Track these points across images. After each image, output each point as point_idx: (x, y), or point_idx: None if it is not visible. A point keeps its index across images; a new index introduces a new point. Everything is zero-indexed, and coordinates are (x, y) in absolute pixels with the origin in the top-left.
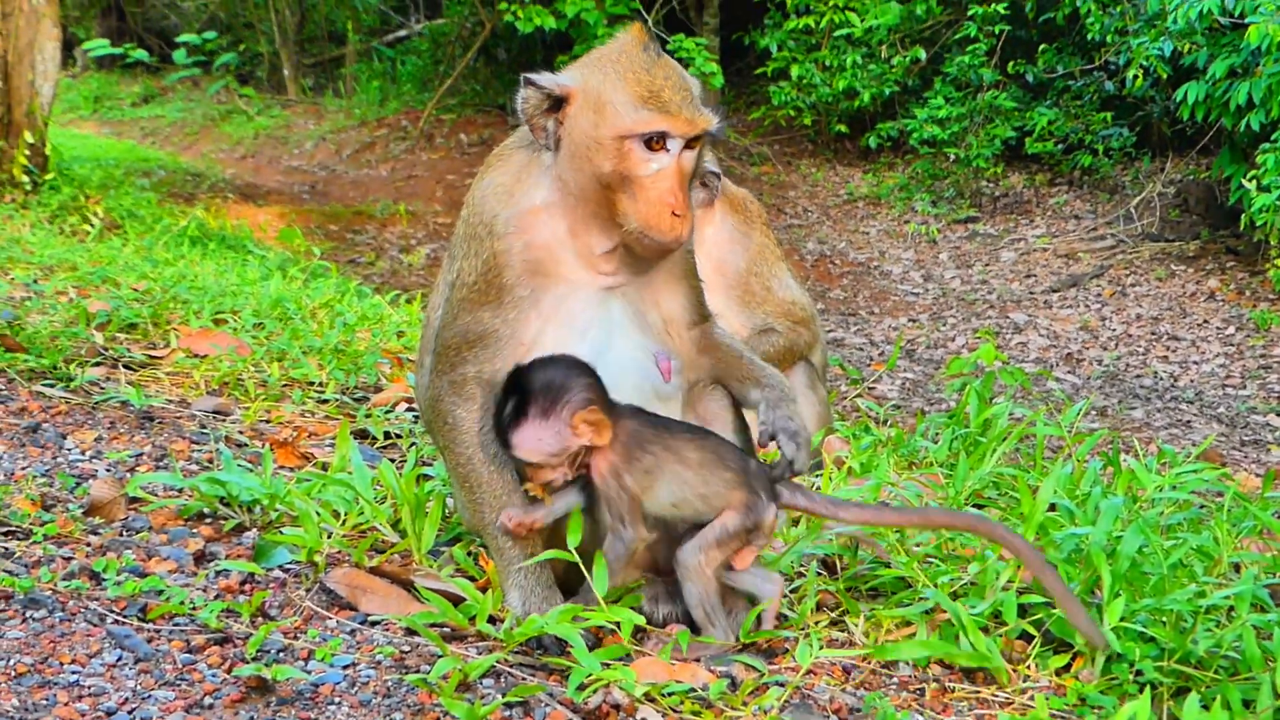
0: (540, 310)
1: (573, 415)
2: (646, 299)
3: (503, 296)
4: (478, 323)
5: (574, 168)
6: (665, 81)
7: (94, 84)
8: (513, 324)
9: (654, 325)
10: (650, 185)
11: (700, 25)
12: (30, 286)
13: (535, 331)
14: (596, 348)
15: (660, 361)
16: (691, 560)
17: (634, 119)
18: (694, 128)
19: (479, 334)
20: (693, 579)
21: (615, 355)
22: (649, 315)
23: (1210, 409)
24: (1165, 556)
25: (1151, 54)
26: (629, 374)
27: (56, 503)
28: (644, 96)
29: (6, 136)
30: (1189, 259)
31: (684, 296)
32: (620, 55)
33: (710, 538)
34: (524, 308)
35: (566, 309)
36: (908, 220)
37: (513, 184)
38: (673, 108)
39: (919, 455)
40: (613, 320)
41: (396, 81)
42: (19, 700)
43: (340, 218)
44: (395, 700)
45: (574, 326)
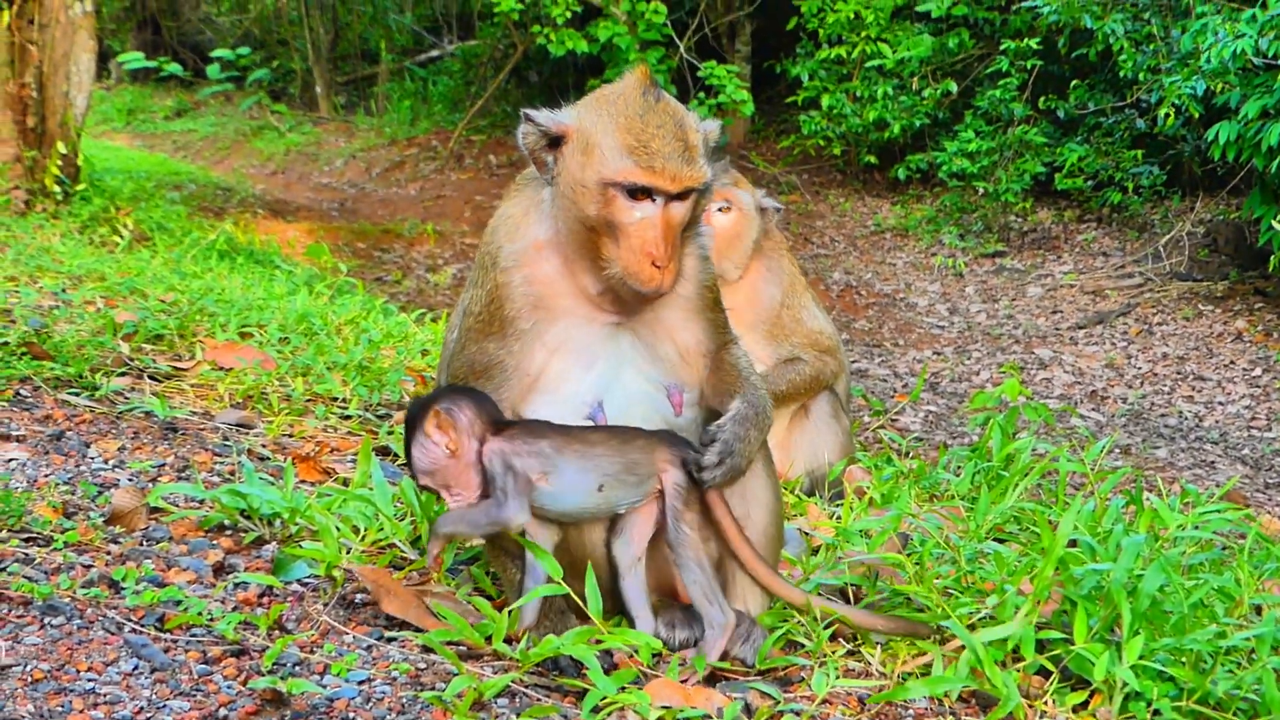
0: (545, 343)
1: (425, 427)
2: (659, 333)
3: (506, 329)
4: (483, 353)
5: (564, 207)
6: (657, 131)
7: (128, 97)
8: (517, 355)
9: (667, 357)
10: (633, 234)
11: (732, 53)
12: (59, 295)
13: (540, 363)
14: (604, 380)
15: (672, 395)
16: (677, 534)
17: (617, 167)
18: (677, 184)
19: (484, 365)
20: (688, 551)
21: (623, 387)
22: (661, 348)
23: (1235, 450)
24: (1186, 596)
25: (1184, 93)
26: (638, 405)
27: (78, 510)
28: (631, 146)
29: (40, 146)
30: (1217, 299)
31: (702, 329)
32: (619, 98)
33: (675, 504)
34: (527, 340)
35: (572, 342)
36: (935, 253)
37: (520, 216)
38: (658, 162)
39: (940, 488)
40: (622, 353)
41: (428, 101)
42: (34, 706)
43: (368, 235)
44: (410, 717)
45: (580, 359)
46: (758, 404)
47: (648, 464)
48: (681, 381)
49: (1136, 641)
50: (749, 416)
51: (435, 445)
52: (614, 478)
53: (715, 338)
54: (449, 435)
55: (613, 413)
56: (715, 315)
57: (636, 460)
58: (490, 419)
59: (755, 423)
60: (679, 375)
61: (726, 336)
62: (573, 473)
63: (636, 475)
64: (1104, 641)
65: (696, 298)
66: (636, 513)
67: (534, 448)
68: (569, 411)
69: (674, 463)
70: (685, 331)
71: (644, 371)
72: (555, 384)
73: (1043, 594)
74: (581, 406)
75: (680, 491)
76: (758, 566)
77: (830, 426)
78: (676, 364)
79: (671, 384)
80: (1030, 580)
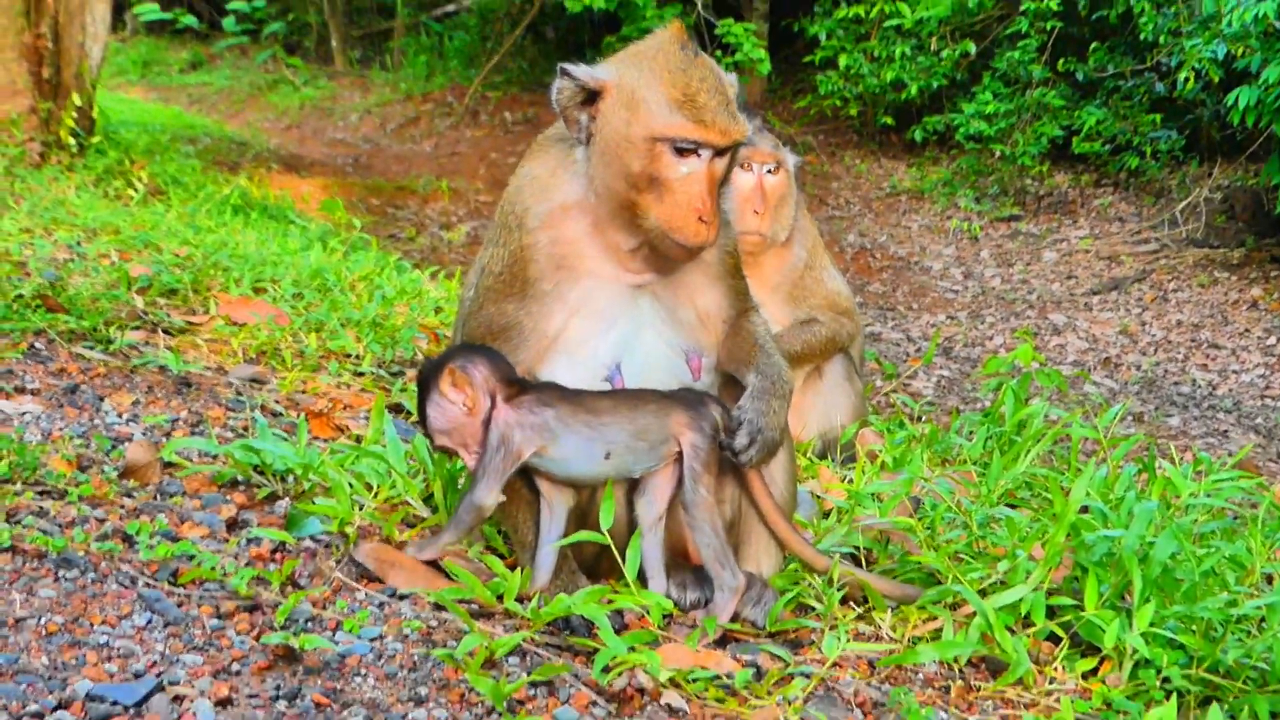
0: (566, 303)
1: (440, 386)
2: (680, 296)
3: (527, 289)
4: (501, 314)
5: (603, 163)
6: (701, 84)
7: (143, 49)
8: (536, 316)
9: (686, 321)
10: (679, 189)
11: (749, 11)
12: (73, 248)
13: (559, 324)
14: (624, 341)
15: (691, 359)
16: (694, 496)
17: (667, 122)
18: (726, 138)
19: (503, 325)
20: (703, 514)
21: (643, 350)
22: (681, 311)
23: (1248, 419)
24: (1197, 564)
25: (1204, 56)
26: (656, 369)
27: (92, 464)
28: (679, 100)
29: (55, 98)
30: (1233, 266)
31: (722, 295)
32: (658, 53)
33: (694, 465)
34: (548, 301)
35: (593, 303)
36: (950, 216)
37: (547, 177)
38: (707, 116)
39: (953, 452)
40: (642, 315)
41: (443, 57)
42: (49, 659)
43: (382, 192)
44: (421, 674)
45: (600, 320)
46: (773, 373)
47: (660, 429)
48: (700, 346)
49: (1147, 609)
50: (766, 389)
51: (451, 403)
52: (622, 445)
53: (735, 304)
54: (465, 392)
55: (630, 375)
56: (735, 281)
57: (647, 426)
58: (504, 377)
59: (774, 392)
60: (698, 339)
61: (746, 303)
62: (578, 441)
63: (647, 441)
64: (1114, 608)
65: (718, 263)
66: (658, 474)
67: (540, 418)
68: (587, 373)
69: (691, 425)
70: (705, 296)
71: (663, 335)
72: (574, 345)
73: (1054, 560)
74: (599, 368)
75: (698, 453)
76: (785, 531)
77: (843, 389)
78: (695, 328)
79: (690, 348)
80: (1041, 546)
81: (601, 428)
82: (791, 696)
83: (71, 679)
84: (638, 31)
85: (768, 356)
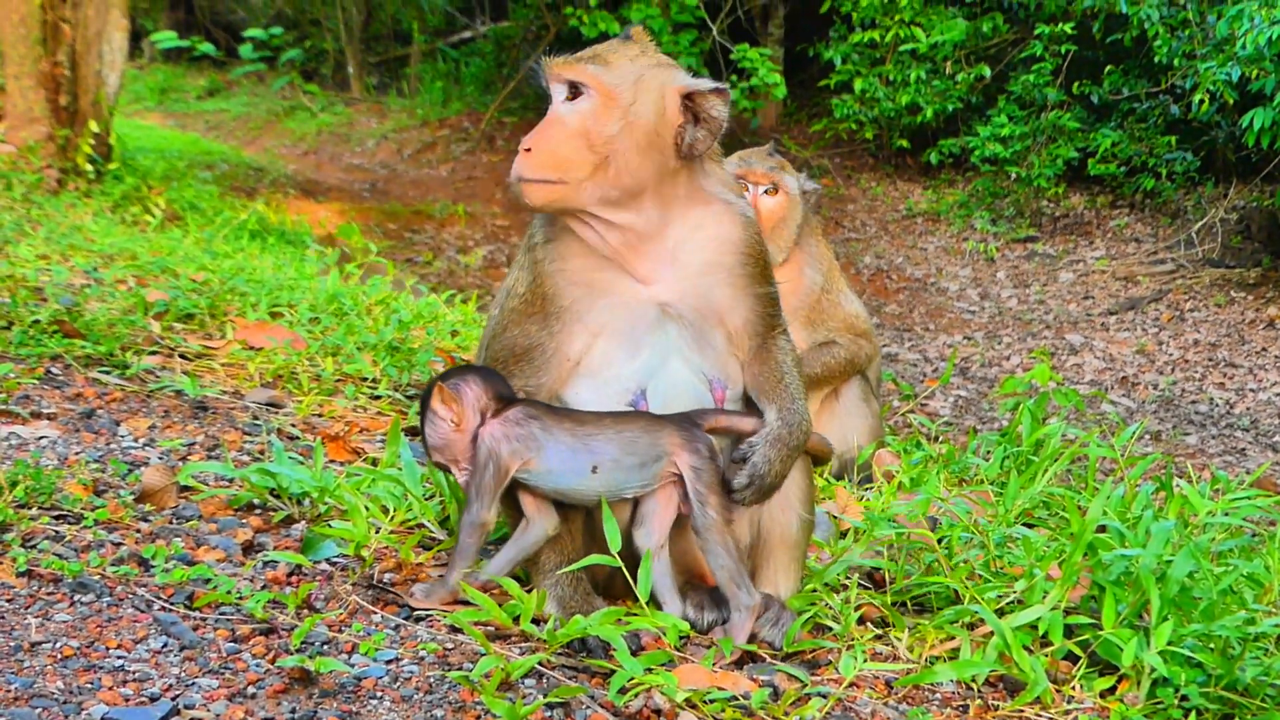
0: (586, 324)
1: (431, 403)
2: (709, 318)
3: (547, 307)
4: (525, 335)
5: None
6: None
7: (160, 76)
8: (558, 337)
9: (715, 346)
10: None
11: (765, 36)
12: (90, 274)
13: (582, 346)
14: (650, 367)
15: (715, 389)
16: (704, 519)
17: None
18: (546, 68)
19: (525, 347)
20: (714, 536)
21: (669, 376)
22: (710, 334)
23: (1266, 437)
24: (1215, 582)
25: (1219, 79)
26: (681, 395)
27: (108, 488)
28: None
29: (72, 125)
30: (1249, 286)
31: (750, 309)
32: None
33: (697, 487)
34: (568, 320)
35: (617, 323)
36: (966, 238)
37: None
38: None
39: (970, 472)
40: (669, 341)
41: (460, 83)
42: (64, 683)
43: (399, 216)
44: (437, 697)
45: (625, 342)
46: (793, 420)
47: (649, 445)
48: (726, 375)
49: (1165, 627)
50: (782, 436)
51: (442, 420)
52: (609, 459)
53: (764, 320)
54: (453, 409)
55: (655, 401)
56: (764, 289)
57: (635, 440)
58: (497, 395)
59: (788, 441)
60: (724, 368)
61: (776, 322)
62: (564, 453)
63: (636, 456)
64: (1132, 627)
65: (739, 267)
66: (654, 499)
67: (525, 429)
68: (610, 395)
69: (685, 446)
70: (735, 313)
71: (690, 361)
72: (598, 367)
73: (1071, 579)
74: (624, 393)
75: (699, 475)
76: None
77: (860, 410)
78: (723, 354)
79: (716, 377)
80: (1059, 565)
81: (587, 439)
82: (809, 717)
83: (87, 703)
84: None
85: (791, 400)
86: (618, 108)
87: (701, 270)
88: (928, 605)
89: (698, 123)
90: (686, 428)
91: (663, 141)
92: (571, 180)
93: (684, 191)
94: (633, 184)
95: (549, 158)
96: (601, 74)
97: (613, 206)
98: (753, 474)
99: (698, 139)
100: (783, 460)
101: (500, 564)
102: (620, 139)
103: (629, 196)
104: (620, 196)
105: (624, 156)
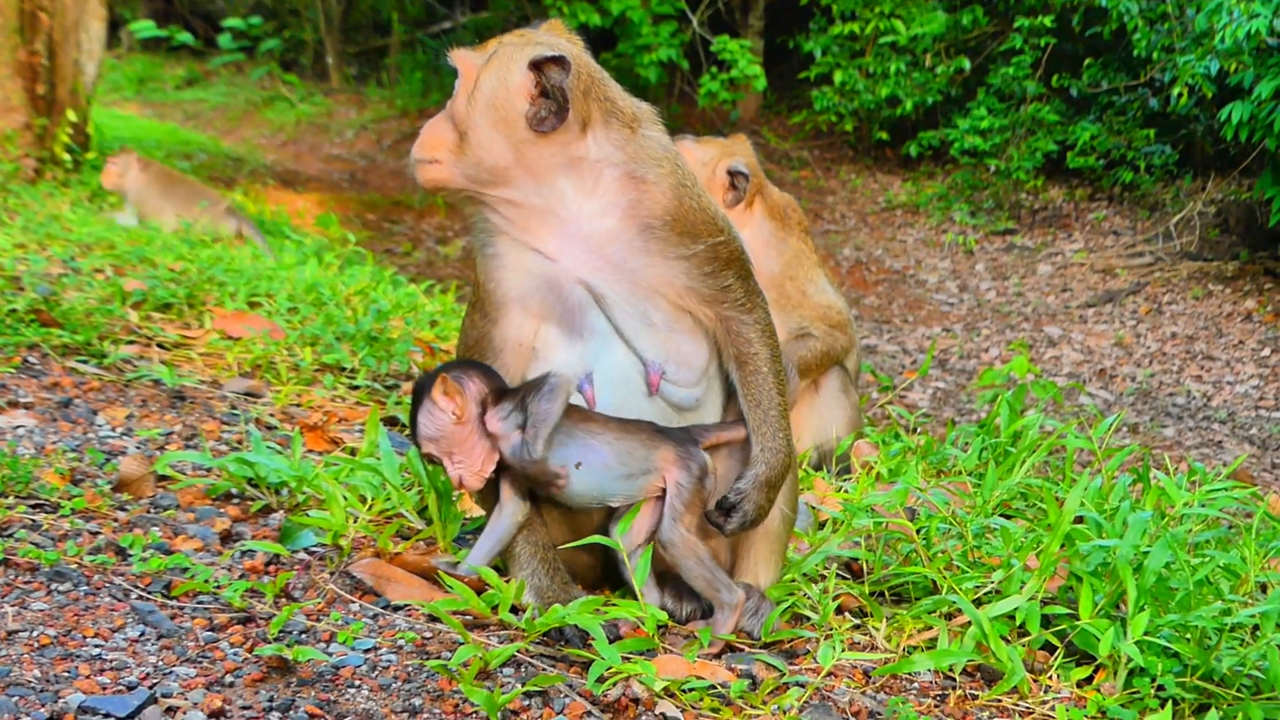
0: (526, 309)
1: (433, 394)
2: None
3: (485, 298)
4: (473, 326)
5: None
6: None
7: (138, 65)
8: (500, 325)
9: (656, 325)
10: None
11: (745, 28)
12: (68, 263)
13: (530, 333)
14: (592, 352)
15: (650, 372)
16: (672, 535)
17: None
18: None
19: (475, 339)
20: (682, 552)
21: (611, 360)
22: (650, 313)
23: (1242, 430)
24: (1192, 573)
25: (1197, 72)
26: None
27: (85, 478)
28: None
29: (50, 114)
30: (1227, 279)
31: (681, 273)
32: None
33: (676, 504)
34: (505, 308)
35: (551, 309)
36: (945, 230)
37: None
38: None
39: (948, 463)
40: (606, 325)
41: (439, 73)
42: (41, 671)
43: (378, 207)
44: (415, 685)
45: (564, 329)
46: (774, 459)
47: (644, 459)
48: (669, 355)
49: (1142, 618)
50: (768, 479)
51: (442, 412)
52: (601, 462)
53: (707, 283)
54: (455, 401)
55: (602, 387)
56: (692, 248)
57: (632, 451)
58: (496, 388)
59: (773, 482)
60: (666, 347)
61: (725, 283)
62: (560, 434)
63: (628, 468)
64: (1109, 617)
65: (647, 230)
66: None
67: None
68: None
69: (678, 463)
70: (665, 281)
71: (631, 342)
72: (548, 354)
73: (1049, 569)
74: (570, 378)
75: (682, 492)
76: None
77: (839, 401)
78: (666, 332)
79: (653, 360)
80: (1036, 556)
81: (591, 435)
82: (787, 706)
83: (64, 691)
84: (633, 48)
85: (772, 436)
86: (468, 84)
87: (605, 240)
88: (906, 595)
89: (547, 96)
90: (684, 445)
91: (510, 115)
92: (444, 159)
93: (562, 162)
94: (492, 160)
95: (426, 137)
96: (468, 55)
97: (488, 185)
98: (743, 520)
99: (545, 111)
100: (769, 499)
101: (480, 554)
102: (471, 116)
103: (497, 173)
104: (489, 175)
105: (478, 131)
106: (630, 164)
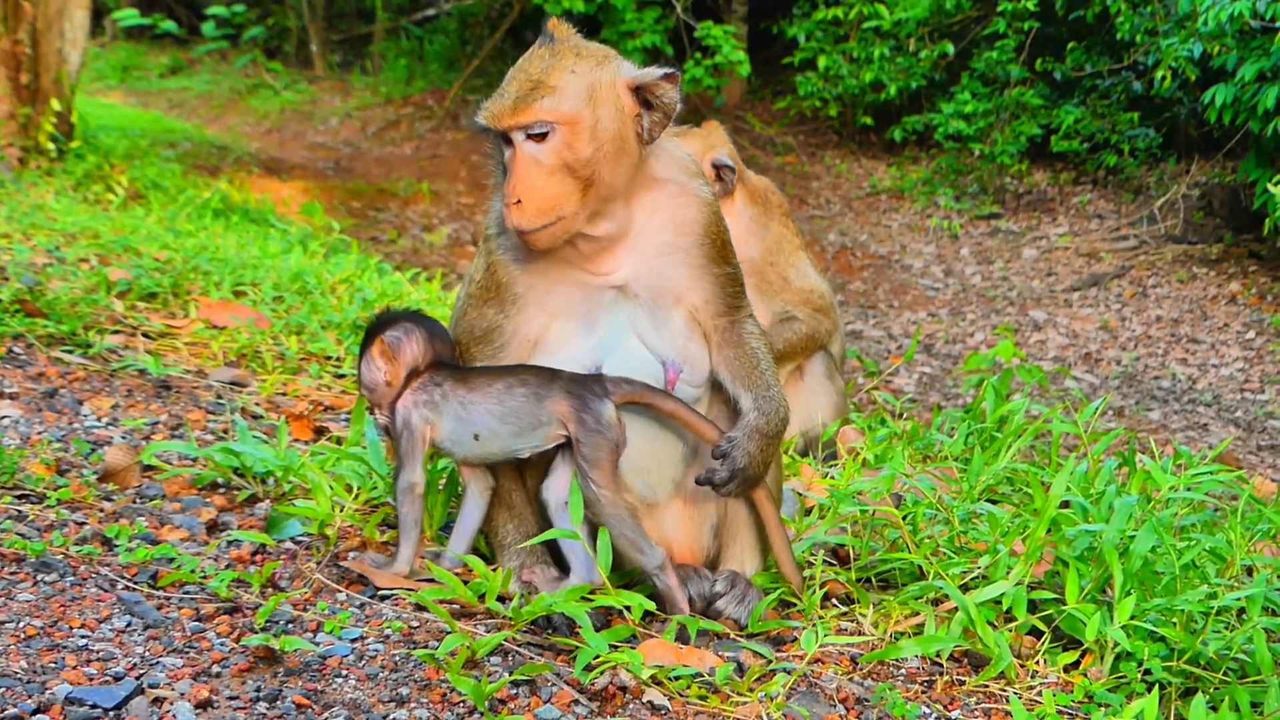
0: (544, 308)
1: (371, 349)
2: (667, 298)
3: (503, 295)
4: (483, 319)
5: None
6: (513, 75)
7: (122, 54)
8: (514, 320)
9: (674, 328)
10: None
11: (728, 13)
12: (52, 253)
13: (539, 328)
14: (606, 345)
15: (669, 371)
16: (586, 492)
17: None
18: (496, 123)
19: (484, 330)
20: (602, 508)
21: (624, 355)
22: (668, 315)
23: (1228, 412)
24: (1178, 557)
25: (1181, 55)
26: (636, 376)
27: (71, 468)
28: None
29: (33, 103)
30: (1211, 262)
31: (710, 288)
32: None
33: (581, 462)
34: (523, 305)
35: (573, 306)
36: (930, 215)
37: None
38: (491, 103)
39: (934, 448)
40: (625, 321)
41: (424, 60)
42: (27, 662)
43: (363, 195)
44: (402, 675)
45: (581, 324)
46: (770, 409)
47: (531, 414)
48: (683, 357)
49: (1128, 602)
50: (760, 427)
51: (377, 369)
52: (487, 429)
53: (727, 299)
54: (388, 365)
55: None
56: (723, 269)
57: (516, 410)
58: (435, 358)
59: (766, 431)
60: (682, 350)
61: (740, 303)
62: (452, 424)
63: (515, 425)
64: (1095, 602)
65: (696, 248)
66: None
67: (429, 396)
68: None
69: (572, 416)
70: (694, 292)
71: (647, 340)
72: (555, 347)
73: (1035, 555)
74: (579, 370)
75: (581, 448)
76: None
77: (824, 387)
78: (681, 336)
79: (670, 359)
80: (1023, 541)
81: (471, 406)
82: (773, 693)
83: (50, 682)
84: (617, 35)
85: (766, 388)
86: (585, 130)
87: (658, 253)
88: (892, 581)
89: (650, 109)
90: (578, 395)
91: (629, 142)
92: (569, 214)
93: (640, 179)
94: (611, 192)
95: (541, 203)
96: (558, 104)
97: (596, 219)
98: (733, 469)
99: (654, 124)
100: (762, 450)
101: (460, 542)
102: (598, 157)
103: (608, 203)
104: (602, 207)
105: (604, 170)
106: (686, 181)
